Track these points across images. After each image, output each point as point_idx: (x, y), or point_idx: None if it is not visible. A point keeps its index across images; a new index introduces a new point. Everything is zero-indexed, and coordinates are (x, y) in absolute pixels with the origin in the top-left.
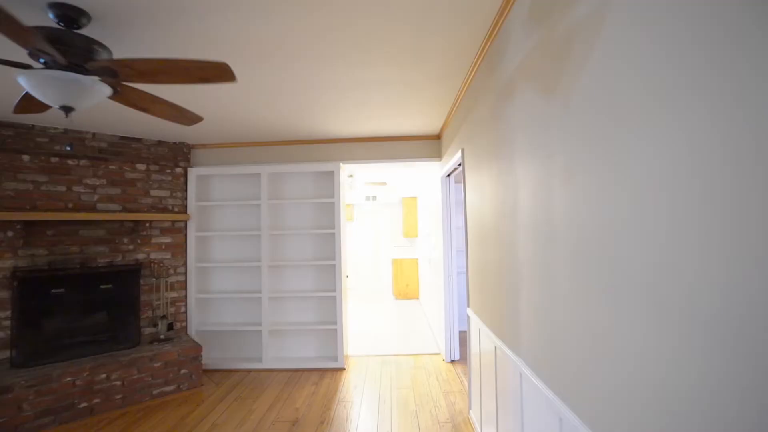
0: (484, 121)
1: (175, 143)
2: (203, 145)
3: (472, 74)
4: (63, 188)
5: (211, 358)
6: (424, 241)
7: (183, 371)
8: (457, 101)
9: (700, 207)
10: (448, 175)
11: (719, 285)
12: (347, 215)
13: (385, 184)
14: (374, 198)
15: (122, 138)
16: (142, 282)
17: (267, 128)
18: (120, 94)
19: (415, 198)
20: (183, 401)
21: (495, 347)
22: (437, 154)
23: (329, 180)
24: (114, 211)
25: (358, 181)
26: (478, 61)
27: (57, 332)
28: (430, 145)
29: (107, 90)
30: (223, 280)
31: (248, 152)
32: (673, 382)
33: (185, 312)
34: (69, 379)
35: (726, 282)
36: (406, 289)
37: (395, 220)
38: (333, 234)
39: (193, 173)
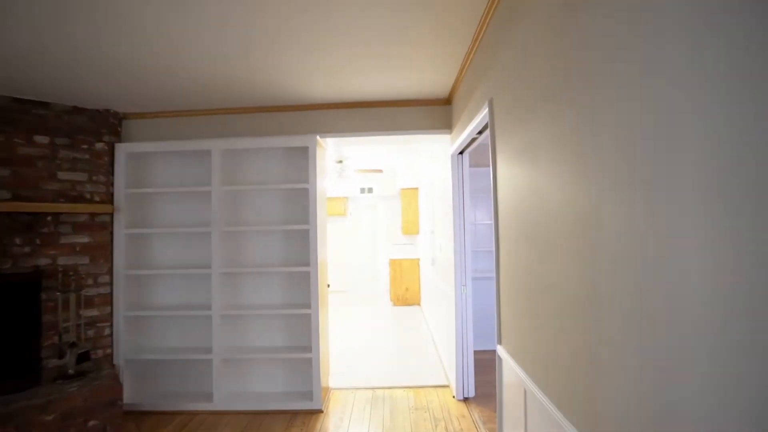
0: (538, 38)
1: (98, 110)
2: (139, 114)
3: None
4: None
5: (146, 395)
6: (426, 239)
7: (92, 423)
8: (477, 40)
9: None
10: (461, 152)
11: None
12: (340, 209)
13: (380, 171)
14: (370, 190)
15: (17, 100)
16: (44, 297)
17: (220, 87)
18: None
19: (415, 189)
20: None
21: None
22: (446, 125)
23: (302, 159)
24: (0, 200)
25: (350, 169)
26: None
27: None
28: (436, 112)
29: None
30: (164, 291)
31: (197, 123)
32: None
33: (110, 335)
34: None
35: None
36: (405, 294)
37: (393, 215)
38: (307, 231)
39: (122, 150)
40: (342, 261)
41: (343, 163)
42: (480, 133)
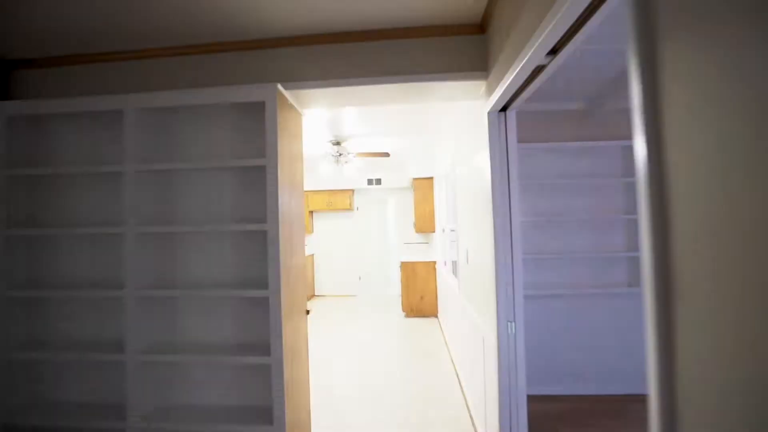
0: None
1: None
2: (33, 63)
3: None
4: None
5: None
6: (445, 238)
7: None
8: None
9: None
10: (504, 108)
11: None
12: (345, 203)
13: (387, 155)
14: (378, 181)
15: None
16: None
17: (130, 13)
18: None
19: (430, 179)
20: None
21: None
22: (478, 66)
23: (257, 121)
24: None
25: (350, 153)
26: None
27: None
28: (462, 45)
29: None
30: (63, 322)
31: (104, 72)
32: None
33: None
34: None
35: None
36: (420, 304)
37: (405, 210)
38: (264, 233)
39: (2, 113)
40: (348, 262)
41: (341, 146)
42: (554, 51)
